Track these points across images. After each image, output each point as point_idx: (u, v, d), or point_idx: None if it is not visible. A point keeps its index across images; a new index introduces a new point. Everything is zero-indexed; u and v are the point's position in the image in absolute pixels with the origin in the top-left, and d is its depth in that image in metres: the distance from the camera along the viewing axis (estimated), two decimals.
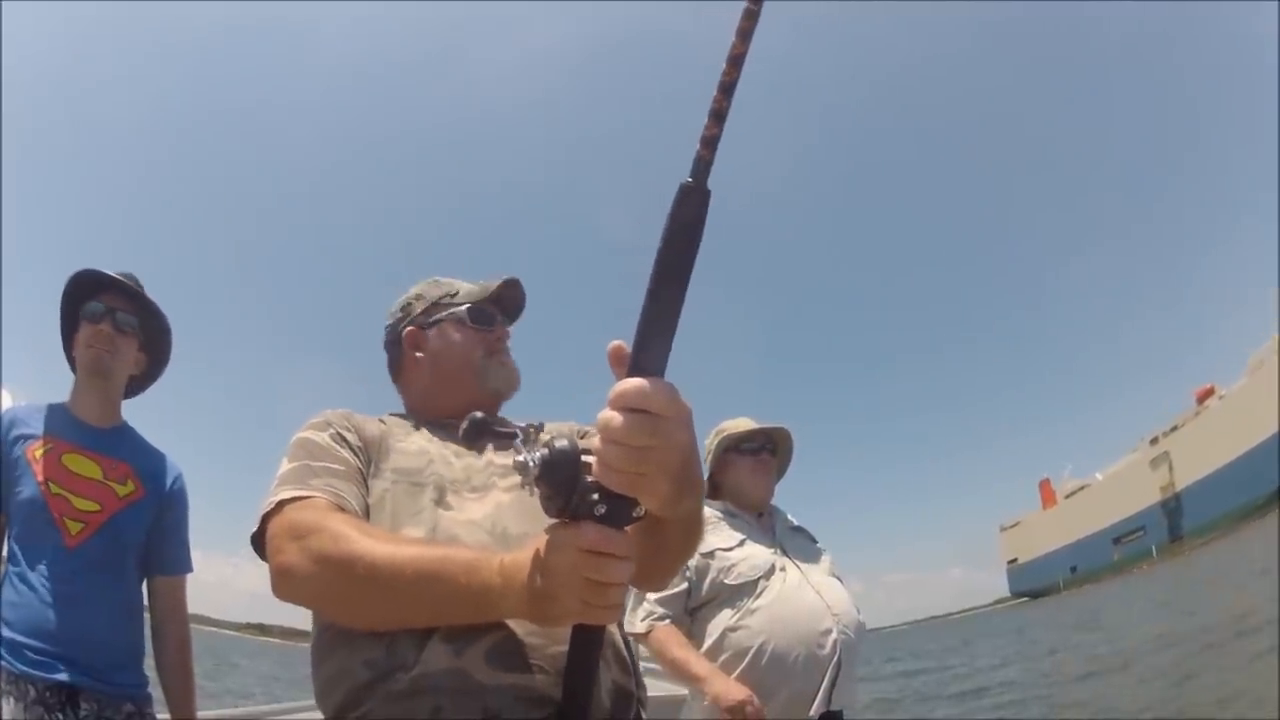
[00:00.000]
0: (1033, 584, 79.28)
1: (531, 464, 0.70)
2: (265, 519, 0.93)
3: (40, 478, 1.59)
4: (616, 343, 0.66)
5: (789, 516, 2.18)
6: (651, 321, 0.64)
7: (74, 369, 1.75)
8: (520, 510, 0.99)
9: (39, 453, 1.62)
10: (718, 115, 0.60)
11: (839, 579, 2.03)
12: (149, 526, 1.73)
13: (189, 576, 1.84)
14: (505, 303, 1.26)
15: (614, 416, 0.64)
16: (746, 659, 1.82)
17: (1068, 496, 73.76)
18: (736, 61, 0.60)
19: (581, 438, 0.94)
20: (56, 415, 1.70)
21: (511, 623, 0.87)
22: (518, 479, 0.72)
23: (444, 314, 1.22)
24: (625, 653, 0.99)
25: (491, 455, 1.10)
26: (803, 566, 1.97)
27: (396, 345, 1.25)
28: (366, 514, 0.98)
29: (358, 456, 1.04)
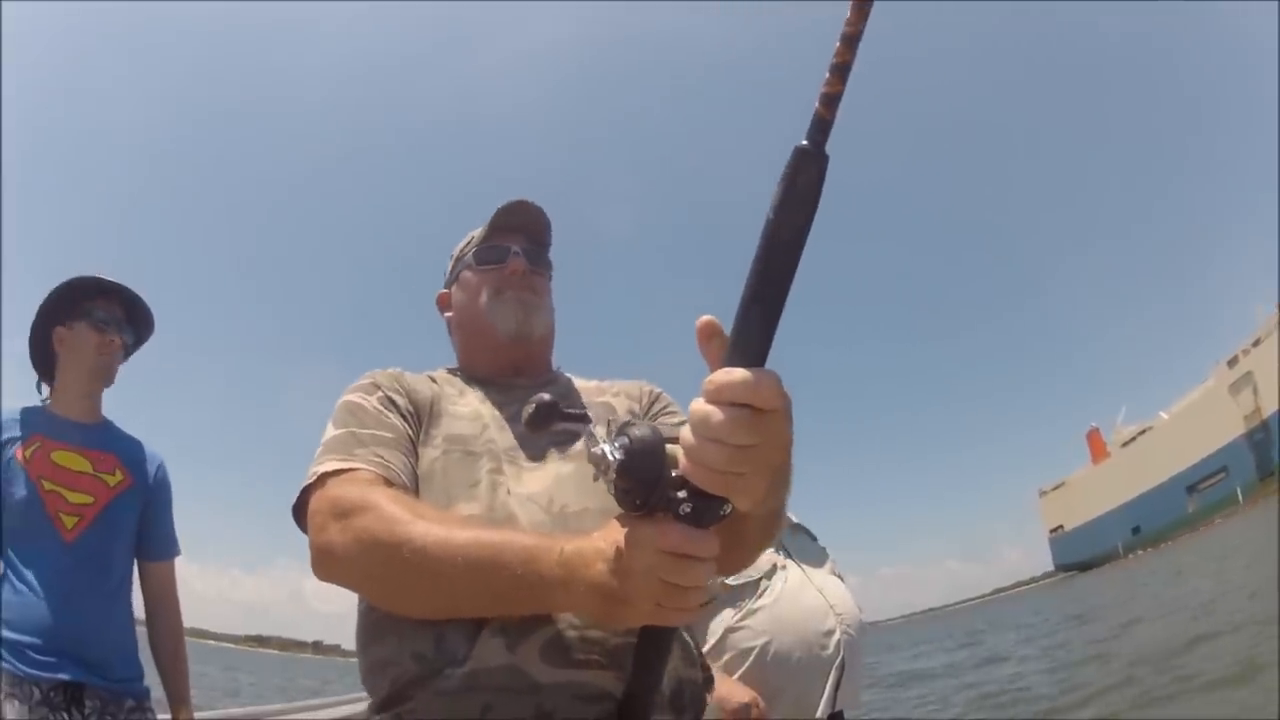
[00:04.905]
0: (1084, 553, 69.85)
1: (611, 457, 0.62)
2: (307, 491, 0.88)
3: (33, 476, 1.64)
4: (708, 318, 0.58)
5: (790, 515, 2.12)
6: (756, 302, 0.56)
7: (39, 366, 1.80)
8: (580, 482, 0.90)
9: (28, 453, 1.66)
10: (840, 70, 0.52)
11: (840, 578, 2.01)
12: (139, 514, 1.80)
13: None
14: (514, 230, 1.13)
15: (713, 412, 0.55)
16: (749, 659, 1.80)
17: (1124, 445, 64.12)
18: (863, 11, 0.51)
19: (655, 408, 1.03)
20: (41, 416, 1.75)
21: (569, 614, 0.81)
22: (576, 446, 0.66)
23: (460, 265, 1.16)
24: (690, 641, 0.94)
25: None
26: (804, 566, 1.96)
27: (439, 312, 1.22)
28: (416, 484, 0.92)
29: (407, 422, 0.97)
